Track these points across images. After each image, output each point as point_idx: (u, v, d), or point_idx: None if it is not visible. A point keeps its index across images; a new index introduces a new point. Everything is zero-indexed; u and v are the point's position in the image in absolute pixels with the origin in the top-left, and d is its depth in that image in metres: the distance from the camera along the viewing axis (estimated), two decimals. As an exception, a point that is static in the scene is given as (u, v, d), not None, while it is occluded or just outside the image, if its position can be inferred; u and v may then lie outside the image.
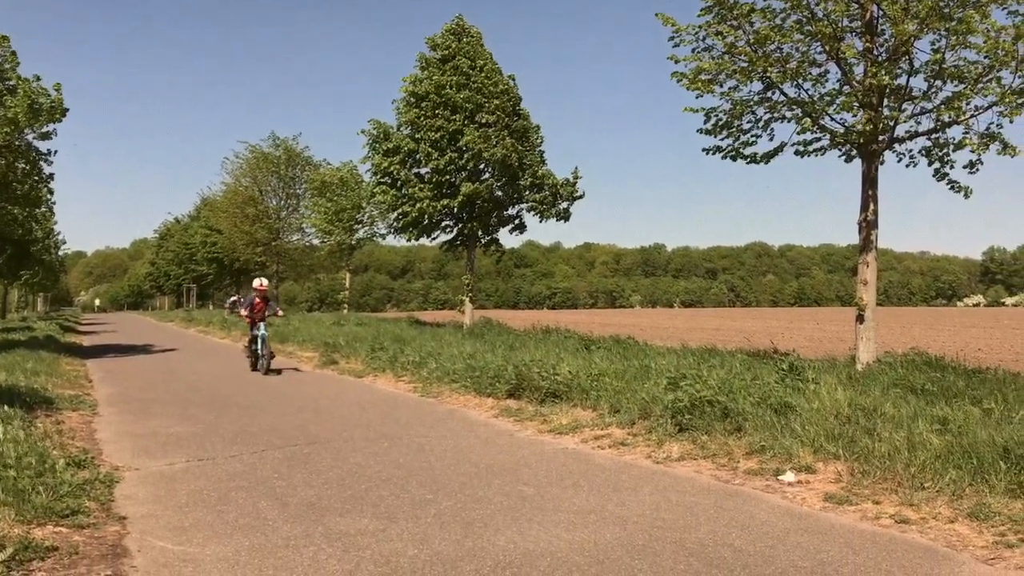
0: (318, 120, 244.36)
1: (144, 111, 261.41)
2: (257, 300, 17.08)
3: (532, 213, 25.51)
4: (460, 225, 25.57)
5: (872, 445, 6.74)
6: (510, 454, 7.89)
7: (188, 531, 5.33)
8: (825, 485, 6.37)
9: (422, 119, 23.87)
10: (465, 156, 23.59)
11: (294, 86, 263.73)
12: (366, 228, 40.79)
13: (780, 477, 6.66)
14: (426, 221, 24.77)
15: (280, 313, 18.01)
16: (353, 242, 40.99)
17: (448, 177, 24.04)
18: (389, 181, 24.83)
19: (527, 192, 25.00)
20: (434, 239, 26.38)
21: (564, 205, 25.56)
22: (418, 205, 23.81)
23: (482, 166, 24.34)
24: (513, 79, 25.37)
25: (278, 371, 16.49)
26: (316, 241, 44.48)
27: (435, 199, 23.93)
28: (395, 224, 25.81)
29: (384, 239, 42.74)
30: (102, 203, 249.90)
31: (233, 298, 51.90)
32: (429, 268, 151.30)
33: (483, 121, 23.55)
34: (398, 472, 7.06)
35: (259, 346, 16.49)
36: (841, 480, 6.41)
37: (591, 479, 6.76)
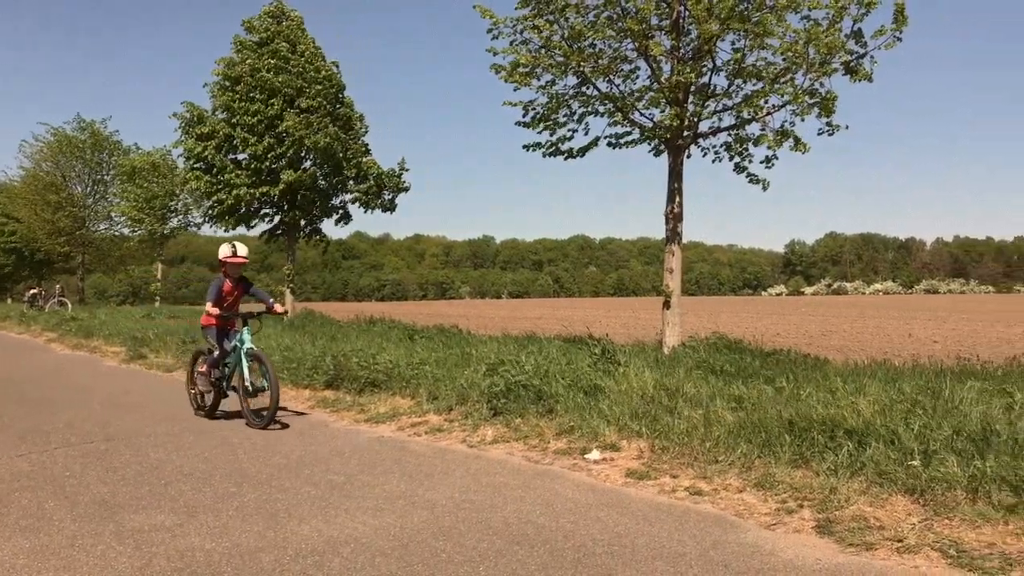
0: (129, 104, 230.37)
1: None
2: (228, 283, 9.54)
3: (356, 204, 25.19)
4: (281, 214, 24.90)
5: (672, 423, 7.08)
6: (323, 444, 7.75)
7: (-41, 537, 4.89)
8: (628, 462, 6.63)
9: (237, 103, 23.03)
10: (285, 143, 22.94)
11: (102, 67, 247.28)
12: (180, 217, 38.98)
13: (586, 456, 6.88)
14: (244, 209, 23.95)
15: (280, 308, 9.76)
16: (166, 231, 39.05)
17: (267, 164, 23.29)
18: (203, 167, 23.81)
19: (351, 182, 24.64)
20: (253, 228, 25.57)
21: (389, 196, 25.39)
22: (235, 192, 22.96)
23: (304, 154, 23.76)
24: (336, 65, 24.92)
25: (284, 425, 8.86)
26: (126, 230, 42.11)
27: (253, 186, 23.16)
28: (210, 212, 24.77)
29: (200, 229, 41.05)
30: None
31: (33, 291, 48.32)
32: (252, 260, 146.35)
33: (304, 107, 22.99)
34: (202, 466, 6.78)
35: (244, 374, 8.96)
36: (643, 456, 6.69)
37: (404, 465, 6.74)
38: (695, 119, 12.43)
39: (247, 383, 8.93)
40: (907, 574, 4.16)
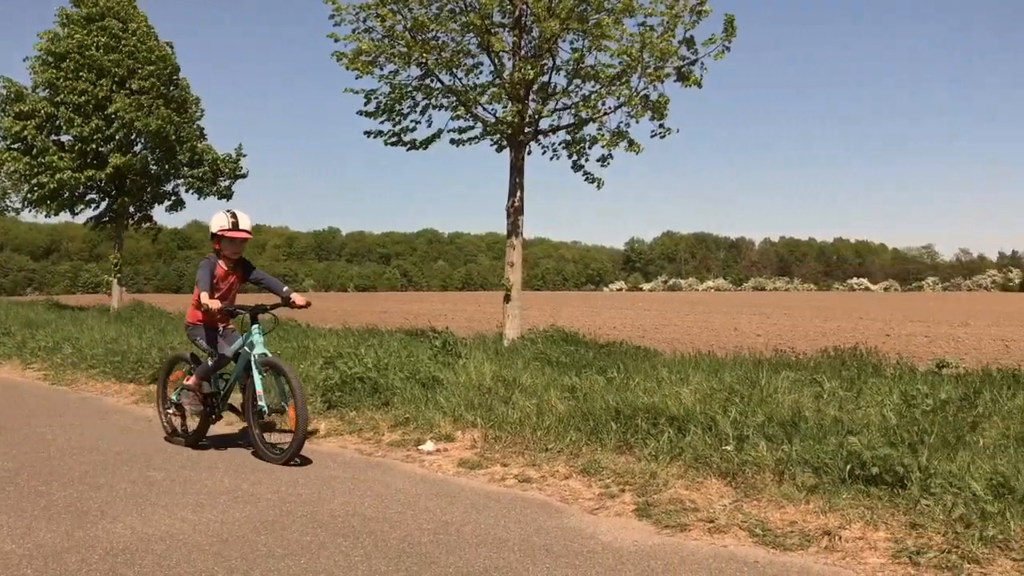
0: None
1: None
2: (222, 266, 7.00)
3: (190, 190, 24.20)
4: (109, 200, 23.62)
5: (506, 412, 7.19)
6: (146, 440, 7.41)
7: None
8: (461, 452, 6.68)
9: (62, 81, 21.64)
10: (114, 125, 21.74)
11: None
12: (-5, 201, 36.27)
13: (420, 447, 6.88)
14: (68, 194, 22.56)
15: (300, 300, 7.13)
16: (-21, 216, 36.22)
17: (94, 146, 22.03)
18: (22, 147, 22.25)
19: (185, 167, 23.64)
20: (79, 214, 24.13)
21: (226, 183, 24.52)
22: (57, 176, 21.58)
23: (134, 137, 22.60)
24: (171, 46, 23.83)
25: (305, 460, 6.49)
26: (-68, 215, 38.80)
27: (78, 170, 21.84)
28: (30, 196, 23.18)
29: (19, 214, 38.32)
30: None
31: None
32: (79, 248, 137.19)
33: (135, 88, 21.85)
34: (9, 464, 6.33)
35: (256, 389, 6.62)
36: (476, 446, 6.76)
37: (229, 461, 6.54)
38: (536, 116, 12.65)
39: (260, 402, 6.57)
40: (716, 553, 4.38)
